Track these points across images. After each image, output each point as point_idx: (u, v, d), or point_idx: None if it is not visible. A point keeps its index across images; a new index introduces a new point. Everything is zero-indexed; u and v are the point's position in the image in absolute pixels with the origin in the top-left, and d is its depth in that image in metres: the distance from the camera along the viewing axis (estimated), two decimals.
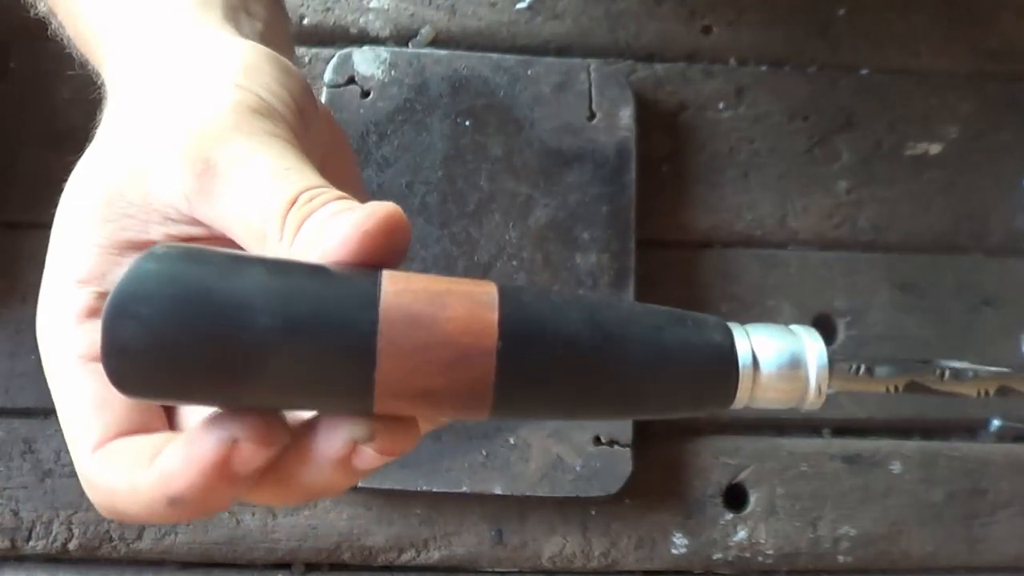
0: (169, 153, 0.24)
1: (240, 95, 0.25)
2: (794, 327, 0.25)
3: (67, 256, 0.25)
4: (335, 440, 0.23)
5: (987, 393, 0.27)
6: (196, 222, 0.24)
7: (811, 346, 0.25)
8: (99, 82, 0.29)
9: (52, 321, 0.24)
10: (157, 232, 0.24)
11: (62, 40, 0.32)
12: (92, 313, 0.24)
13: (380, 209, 0.22)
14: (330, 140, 0.30)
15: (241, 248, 0.24)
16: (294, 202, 0.23)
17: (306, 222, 0.22)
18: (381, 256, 0.22)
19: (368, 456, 0.23)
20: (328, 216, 0.22)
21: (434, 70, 0.53)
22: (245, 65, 0.26)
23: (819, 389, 0.25)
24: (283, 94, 0.26)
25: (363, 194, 0.31)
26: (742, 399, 0.25)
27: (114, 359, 0.21)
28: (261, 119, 0.25)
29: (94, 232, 0.24)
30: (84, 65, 0.31)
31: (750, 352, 0.24)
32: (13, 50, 0.54)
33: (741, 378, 0.24)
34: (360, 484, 0.49)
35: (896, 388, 0.26)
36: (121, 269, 0.23)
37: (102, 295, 0.24)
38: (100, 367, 0.21)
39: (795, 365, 0.25)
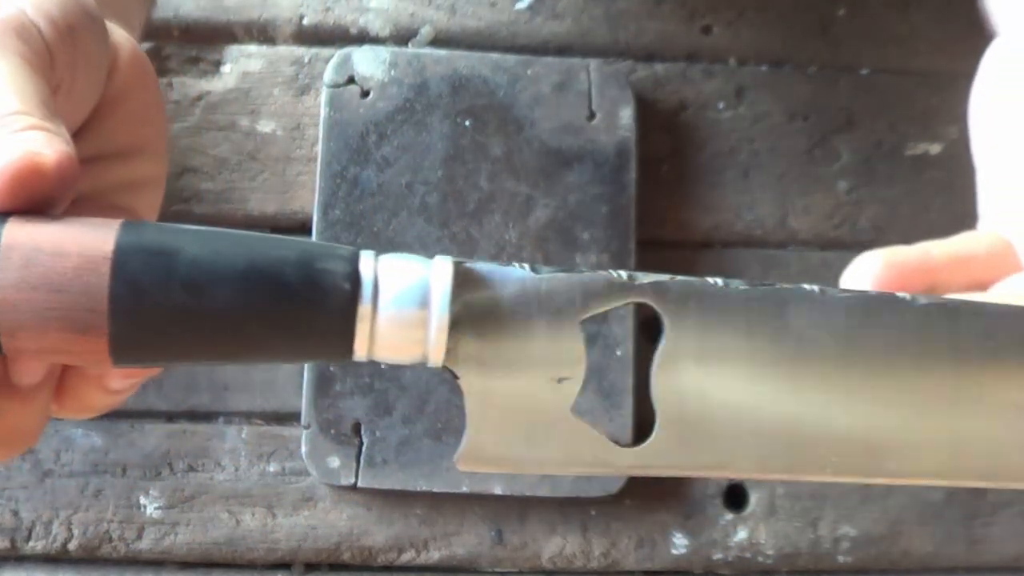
0: None
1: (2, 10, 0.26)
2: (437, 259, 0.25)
3: None
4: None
5: None
6: None
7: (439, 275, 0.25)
8: None
9: None
10: None
11: None
12: None
13: (13, 160, 0.24)
14: (130, 74, 0.31)
15: None
16: None
17: None
18: (13, 202, 0.24)
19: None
20: None
21: (434, 70, 0.53)
22: None
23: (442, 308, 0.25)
24: (51, 9, 0.27)
25: (160, 129, 0.32)
26: (364, 316, 0.24)
27: None
28: (9, 36, 0.26)
29: None
30: None
31: (372, 276, 0.25)
32: None
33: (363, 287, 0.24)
34: (360, 484, 0.49)
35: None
36: None
37: None
38: None
39: (423, 297, 0.25)
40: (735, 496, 0.52)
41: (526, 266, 0.26)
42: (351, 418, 0.49)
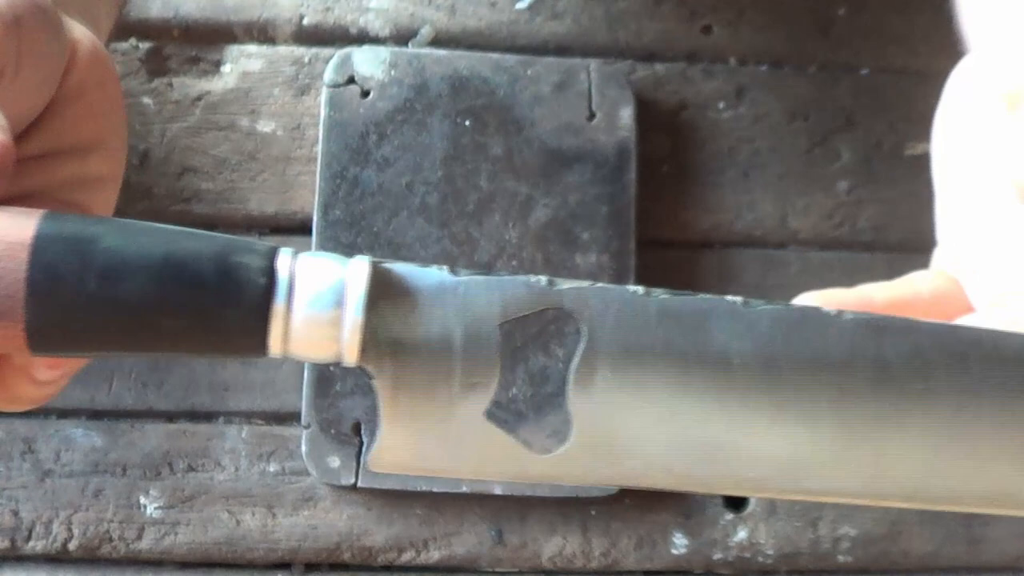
0: None
1: None
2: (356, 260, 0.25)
3: None
4: None
5: None
6: None
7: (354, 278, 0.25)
8: None
9: None
10: None
11: None
12: None
13: None
14: (88, 70, 0.31)
15: None
16: None
17: None
18: None
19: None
20: None
21: (434, 70, 0.53)
22: None
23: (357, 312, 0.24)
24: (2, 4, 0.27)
25: (117, 127, 0.32)
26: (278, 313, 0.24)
27: None
28: None
29: None
30: None
31: (288, 276, 0.24)
32: None
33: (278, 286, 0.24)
34: (360, 484, 0.49)
35: None
36: None
37: None
38: None
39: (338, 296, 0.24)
40: (735, 496, 0.52)
41: (445, 268, 0.26)
42: (351, 418, 0.49)
